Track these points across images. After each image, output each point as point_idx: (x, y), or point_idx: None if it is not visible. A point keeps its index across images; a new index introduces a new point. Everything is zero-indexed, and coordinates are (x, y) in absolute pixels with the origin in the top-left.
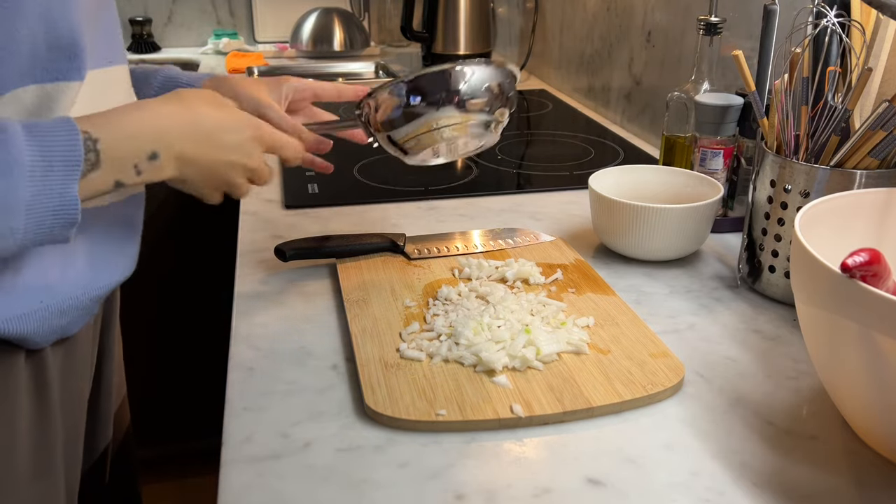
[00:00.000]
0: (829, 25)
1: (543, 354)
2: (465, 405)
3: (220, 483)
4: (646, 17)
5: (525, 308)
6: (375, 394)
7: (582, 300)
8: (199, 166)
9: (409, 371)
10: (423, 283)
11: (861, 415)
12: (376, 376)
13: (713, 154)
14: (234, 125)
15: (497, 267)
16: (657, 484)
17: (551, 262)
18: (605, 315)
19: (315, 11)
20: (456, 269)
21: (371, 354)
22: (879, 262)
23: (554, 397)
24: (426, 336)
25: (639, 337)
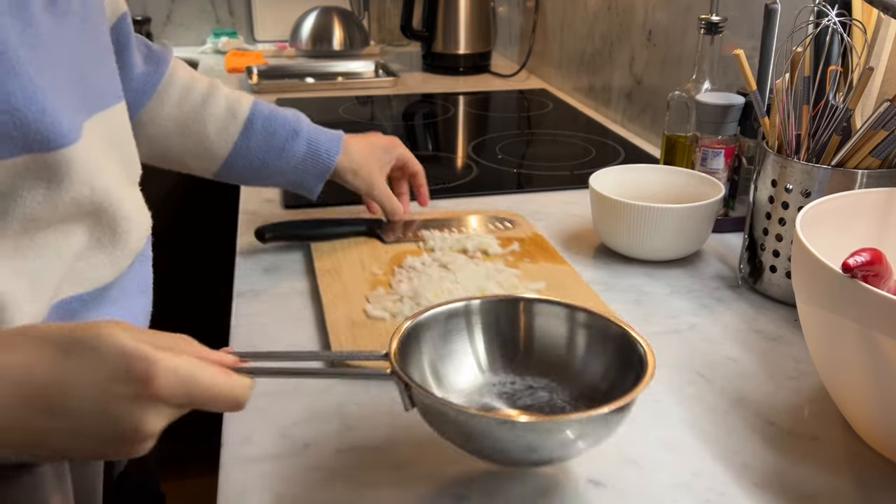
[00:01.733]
0: (830, 25)
1: None
2: None
3: (220, 483)
4: (647, 16)
5: (482, 275)
6: (342, 345)
7: (536, 268)
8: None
9: (374, 329)
10: (391, 254)
11: (862, 415)
12: (344, 333)
13: (714, 153)
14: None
15: (458, 239)
16: (658, 484)
17: (510, 235)
18: (556, 281)
19: (314, 10)
20: (421, 242)
21: (339, 315)
22: (881, 261)
23: None
24: (391, 299)
25: (584, 301)
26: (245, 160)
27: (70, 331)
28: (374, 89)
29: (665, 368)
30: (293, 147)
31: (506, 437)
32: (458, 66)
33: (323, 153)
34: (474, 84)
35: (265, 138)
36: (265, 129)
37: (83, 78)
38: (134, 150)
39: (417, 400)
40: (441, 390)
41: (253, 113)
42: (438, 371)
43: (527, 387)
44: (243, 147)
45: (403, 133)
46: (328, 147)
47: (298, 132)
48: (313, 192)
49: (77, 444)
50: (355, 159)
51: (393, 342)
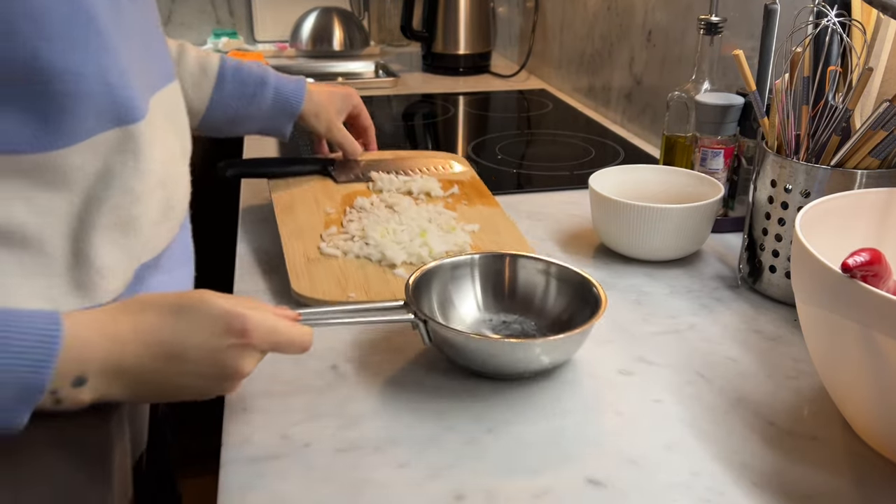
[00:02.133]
0: (829, 25)
1: (435, 253)
2: (370, 290)
3: (220, 483)
4: (646, 17)
5: (424, 216)
6: (300, 281)
7: (472, 210)
8: (159, 386)
9: (327, 265)
10: (342, 193)
11: (862, 415)
12: (300, 268)
13: (714, 154)
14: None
15: (404, 181)
16: (657, 484)
17: (451, 178)
18: (490, 223)
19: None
20: (370, 183)
21: (296, 250)
22: (880, 262)
23: None
24: (342, 237)
25: (513, 242)
26: (221, 112)
27: (177, 298)
28: (374, 89)
29: (665, 368)
30: (263, 94)
31: (495, 353)
32: (457, 67)
33: (291, 97)
34: (474, 84)
35: (236, 88)
36: (235, 80)
37: (149, 55)
38: (187, 126)
39: (433, 332)
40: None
41: (222, 67)
42: (446, 311)
43: (511, 321)
44: (218, 100)
45: (403, 133)
46: (294, 91)
47: (266, 80)
48: (285, 134)
49: (191, 383)
50: (316, 102)
51: (409, 289)
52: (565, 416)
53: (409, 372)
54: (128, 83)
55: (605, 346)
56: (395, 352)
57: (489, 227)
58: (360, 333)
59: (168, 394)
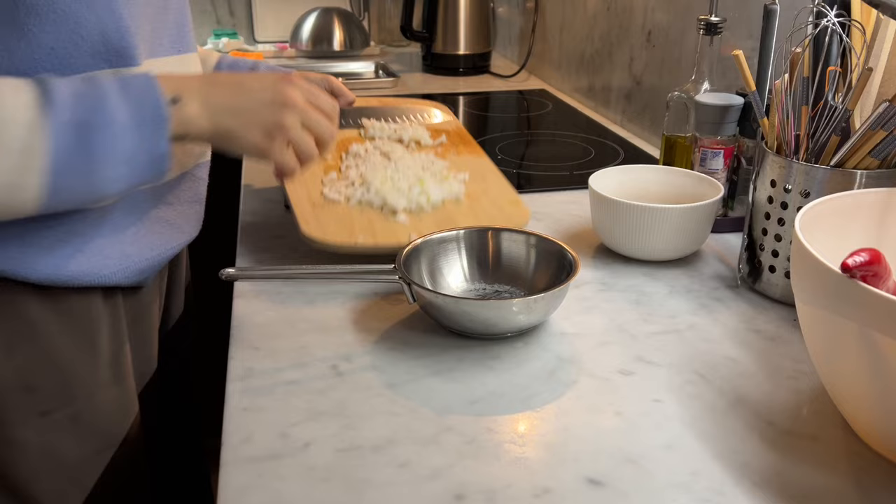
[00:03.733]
0: (829, 25)
1: (433, 201)
2: (377, 235)
3: (220, 483)
4: (646, 17)
5: (418, 165)
6: (309, 225)
7: (461, 159)
8: (234, 108)
9: (332, 210)
10: (336, 140)
11: (861, 415)
12: (308, 213)
13: (713, 154)
14: (259, 76)
15: (395, 129)
16: (657, 484)
17: (438, 127)
18: (478, 172)
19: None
20: (362, 130)
21: (301, 196)
22: (880, 262)
23: (439, 228)
24: (343, 183)
25: (501, 190)
26: None
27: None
28: (374, 90)
29: (664, 368)
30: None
31: (474, 312)
32: (457, 67)
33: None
34: (474, 84)
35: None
36: (231, 68)
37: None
38: None
39: (417, 294)
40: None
41: (220, 60)
42: (435, 279)
43: (494, 290)
44: None
45: None
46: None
47: (257, 66)
48: None
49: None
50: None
51: (399, 258)
52: (565, 416)
53: (409, 372)
54: (124, 35)
55: (605, 346)
56: (396, 352)
57: (478, 175)
58: (361, 334)
59: (237, 120)
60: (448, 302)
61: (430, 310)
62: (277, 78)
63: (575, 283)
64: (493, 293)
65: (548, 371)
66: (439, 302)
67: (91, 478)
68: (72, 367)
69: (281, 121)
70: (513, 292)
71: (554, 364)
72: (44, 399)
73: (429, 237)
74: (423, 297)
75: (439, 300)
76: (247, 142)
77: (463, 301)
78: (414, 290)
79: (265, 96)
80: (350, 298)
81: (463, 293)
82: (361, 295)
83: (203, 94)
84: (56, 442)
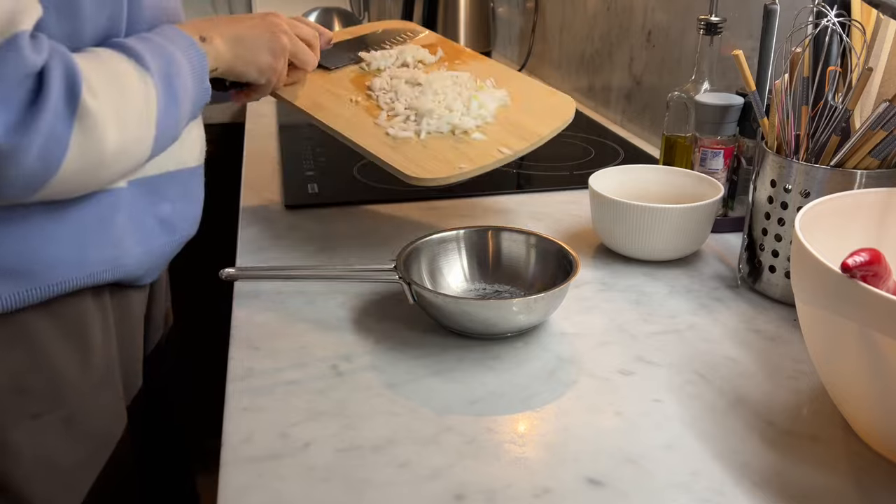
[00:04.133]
0: (829, 25)
1: (491, 110)
2: (471, 158)
3: (220, 483)
4: (646, 17)
5: (449, 81)
6: (409, 166)
7: (471, 67)
8: (243, 38)
9: (410, 146)
10: (348, 79)
11: (861, 415)
12: (395, 156)
13: (713, 154)
14: (247, 16)
15: (395, 55)
16: (657, 484)
17: (424, 42)
18: (497, 75)
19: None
20: (363, 64)
21: (373, 142)
22: (880, 261)
23: (518, 137)
24: (398, 119)
25: (530, 86)
26: None
27: None
28: None
29: (664, 368)
30: None
31: (474, 312)
32: None
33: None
34: None
35: None
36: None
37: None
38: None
39: (417, 294)
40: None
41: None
42: (435, 279)
43: (494, 290)
44: None
45: None
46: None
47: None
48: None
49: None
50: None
51: (399, 258)
52: (565, 416)
53: (409, 372)
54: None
55: (605, 346)
56: (396, 352)
57: (499, 79)
58: (361, 334)
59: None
60: (448, 302)
61: (430, 310)
62: (263, 14)
63: (575, 283)
64: (493, 293)
65: (548, 371)
66: (439, 302)
67: (84, 483)
68: (63, 369)
69: (280, 41)
70: (513, 292)
71: (554, 364)
72: (35, 401)
73: (429, 237)
74: (423, 297)
75: (439, 300)
76: (259, 63)
77: (463, 301)
78: (414, 290)
79: (262, 25)
80: (350, 298)
81: (463, 293)
82: (361, 295)
83: (218, 30)
84: (48, 445)
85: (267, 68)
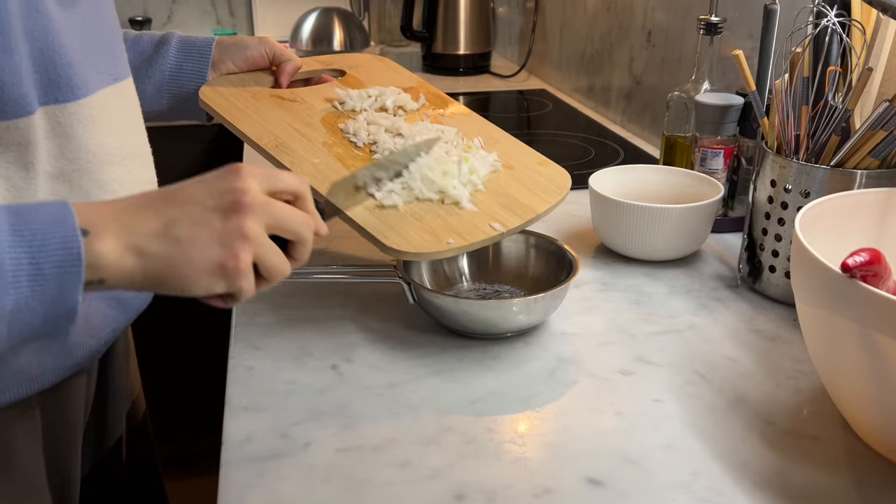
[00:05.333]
0: (829, 25)
1: (482, 175)
2: (460, 232)
3: (220, 483)
4: (646, 17)
5: (434, 136)
6: (389, 239)
7: (455, 121)
8: (163, 234)
9: (395, 216)
10: (316, 119)
11: (861, 414)
12: (373, 220)
13: (713, 154)
14: (197, 178)
15: (375, 97)
16: (657, 484)
17: (402, 84)
18: (483, 134)
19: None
20: (336, 102)
21: (350, 203)
22: (880, 261)
23: (511, 211)
24: (385, 180)
25: (520, 150)
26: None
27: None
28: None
29: (664, 368)
30: (167, 41)
31: (474, 312)
32: (458, 67)
33: (197, 38)
34: (474, 84)
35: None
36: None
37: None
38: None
39: (417, 294)
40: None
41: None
42: (435, 279)
43: (494, 290)
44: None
45: None
46: (203, 42)
47: (167, 38)
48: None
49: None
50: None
51: (400, 262)
52: (565, 416)
53: (409, 372)
54: (21, 83)
55: (605, 346)
56: (396, 352)
57: (487, 138)
58: (361, 334)
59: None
60: (448, 302)
61: (431, 310)
62: (220, 173)
63: (575, 283)
64: (493, 293)
65: (548, 371)
66: (439, 302)
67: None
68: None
69: (239, 228)
70: (513, 292)
71: (554, 364)
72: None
73: None
74: (423, 296)
75: (439, 300)
76: (194, 273)
77: (463, 301)
78: (414, 289)
79: (208, 201)
80: (350, 298)
81: (463, 293)
82: (361, 295)
83: (120, 222)
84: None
85: (205, 280)
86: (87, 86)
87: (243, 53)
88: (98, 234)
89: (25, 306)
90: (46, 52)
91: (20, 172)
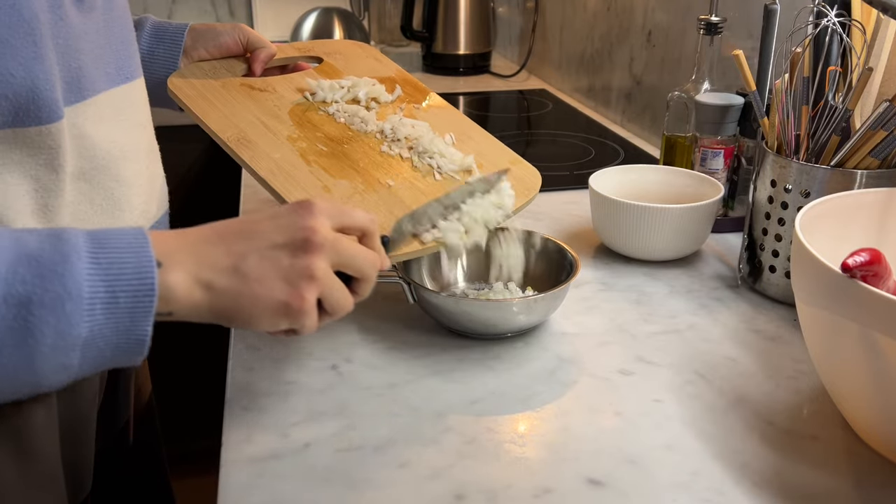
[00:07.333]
0: (829, 25)
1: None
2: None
3: (220, 483)
4: (646, 17)
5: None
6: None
7: (430, 116)
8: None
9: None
10: (284, 110)
11: (861, 414)
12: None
13: (714, 154)
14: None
15: (347, 88)
16: (657, 484)
17: (379, 74)
18: (457, 129)
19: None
20: (307, 93)
21: (301, 196)
22: (880, 261)
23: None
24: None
25: (492, 148)
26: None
27: None
28: None
29: (664, 368)
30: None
31: (474, 312)
32: (458, 67)
33: (170, 24)
34: (474, 84)
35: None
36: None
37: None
38: (144, 125)
39: (417, 294)
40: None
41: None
42: (435, 279)
43: (501, 290)
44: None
45: None
46: (176, 28)
47: (181, 29)
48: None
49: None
50: (203, 27)
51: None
52: (565, 416)
53: (409, 372)
54: (53, 88)
55: (605, 346)
56: (396, 352)
57: (460, 134)
58: (361, 334)
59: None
60: (448, 302)
61: (430, 310)
62: (293, 207)
63: (575, 283)
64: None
65: (548, 371)
66: (439, 302)
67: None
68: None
69: (307, 268)
70: (514, 291)
71: (554, 364)
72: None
73: None
74: (423, 296)
75: (439, 300)
76: (258, 311)
77: (463, 301)
78: (414, 289)
79: (278, 237)
80: None
81: (463, 293)
82: None
83: (192, 255)
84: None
85: (272, 317)
86: (93, 86)
87: (216, 40)
88: (170, 267)
89: (99, 335)
90: (66, 56)
91: (50, 175)
